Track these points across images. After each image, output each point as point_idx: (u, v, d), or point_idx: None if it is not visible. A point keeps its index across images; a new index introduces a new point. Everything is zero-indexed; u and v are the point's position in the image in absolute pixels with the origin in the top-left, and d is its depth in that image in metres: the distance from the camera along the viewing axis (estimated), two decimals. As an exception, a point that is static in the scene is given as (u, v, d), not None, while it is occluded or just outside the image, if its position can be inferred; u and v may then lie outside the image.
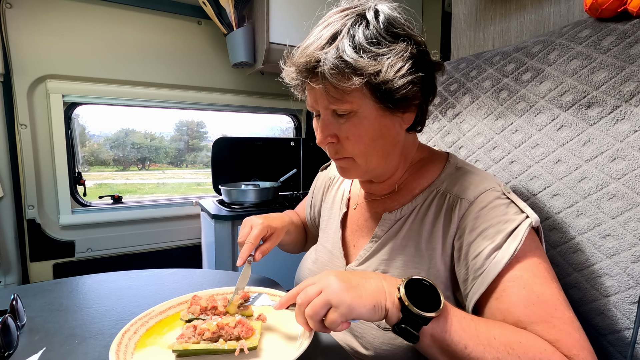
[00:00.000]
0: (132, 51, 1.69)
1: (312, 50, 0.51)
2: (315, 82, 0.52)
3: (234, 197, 1.64)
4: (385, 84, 0.50)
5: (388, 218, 0.61)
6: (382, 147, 0.56)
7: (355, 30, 0.50)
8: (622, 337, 0.53)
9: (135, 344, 0.52)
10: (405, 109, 0.55)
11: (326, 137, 0.56)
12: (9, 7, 1.45)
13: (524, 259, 0.47)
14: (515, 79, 0.74)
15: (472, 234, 0.51)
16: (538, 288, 0.45)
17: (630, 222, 0.52)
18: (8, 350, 0.51)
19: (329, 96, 0.52)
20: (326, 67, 0.49)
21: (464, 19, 1.12)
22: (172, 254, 1.92)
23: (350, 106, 0.52)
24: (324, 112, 0.55)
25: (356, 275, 0.46)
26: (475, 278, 0.49)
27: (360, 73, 0.49)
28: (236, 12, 1.66)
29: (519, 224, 0.49)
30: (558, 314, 0.44)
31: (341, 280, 0.44)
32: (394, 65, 0.50)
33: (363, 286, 0.44)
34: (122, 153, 2.51)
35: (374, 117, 0.53)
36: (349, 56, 0.49)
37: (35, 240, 1.61)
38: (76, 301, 0.68)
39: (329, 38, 0.51)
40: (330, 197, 0.78)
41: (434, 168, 0.62)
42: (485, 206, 0.51)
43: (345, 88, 0.50)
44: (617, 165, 0.55)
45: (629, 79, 0.55)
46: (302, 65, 0.52)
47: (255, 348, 0.50)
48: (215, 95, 1.93)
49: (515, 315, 0.45)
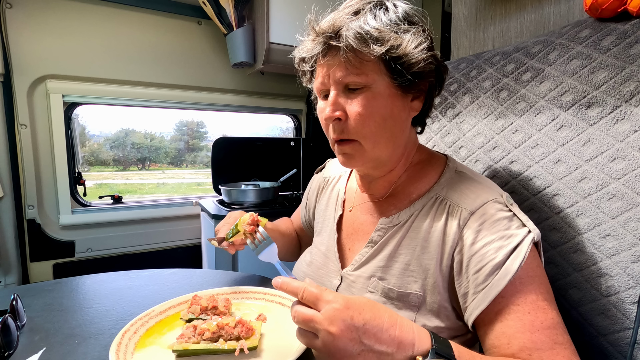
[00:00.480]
0: (132, 51, 1.69)
1: (336, 18, 0.53)
2: (335, 50, 0.52)
3: (234, 197, 1.64)
4: (405, 56, 0.51)
5: (385, 223, 0.59)
6: (391, 130, 0.55)
7: (377, 11, 0.53)
8: (622, 337, 0.53)
9: (135, 344, 0.52)
10: (416, 95, 0.57)
11: (335, 111, 0.54)
12: (9, 7, 1.45)
13: (526, 279, 0.46)
14: (515, 79, 0.74)
15: (474, 247, 0.49)
16: (541, 314, 0.45)
17: (630, 222, 0.52)
18: (8, 350, 0.51)
19: (347, 64, 0.52)
20: (350, 32, 0.50)
21: (464, 19, 1.12)
22: (172, 254, 1.92)
23: (366, 79, 0.52)
24: (336, 87, 0.54)
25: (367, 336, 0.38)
26: (476, 293, 0.48)
27: (382, 43, 0.50)
28: (236, 12, 1.66)
29: (522, 240, 0.48)
30: (560, 339, 0.44)
31: (338, 342, 0.37)
32: (414, 40, 0.52)
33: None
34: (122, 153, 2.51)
35: (386, 95, 0.53)
36: (371, 26, 0.51)
37: (35, 240, 1.61)
38: (76, 301, 0.68)
39: (352, 13, 0.53)
40: (324, 198, 0.77)
41: (432, 172, 0.61)
42: (487, 219, 0.50)
43: (365, 55, 0.51)
44: (617, 165, 0.55)
45: (629, 79, 0.55)
46: (325, 31, 0.52)
47: (255, 348, 0.50)
48: (215, 95, 1.93)
49: (521, 341, 0.44)
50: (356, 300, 0.41)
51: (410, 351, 0.39)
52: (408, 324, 0.41)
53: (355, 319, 0.39)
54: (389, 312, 0.41)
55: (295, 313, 0.41)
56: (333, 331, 0.38)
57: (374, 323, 0.39)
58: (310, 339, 0.40)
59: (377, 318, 0.40)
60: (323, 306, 0.39)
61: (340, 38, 0.51)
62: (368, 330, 0.38)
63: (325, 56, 0.54)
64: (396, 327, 0.40)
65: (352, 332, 0.38)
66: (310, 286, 0.42)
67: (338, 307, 0.39)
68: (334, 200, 0.73)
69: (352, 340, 0.38)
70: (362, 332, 0.38)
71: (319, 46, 0.54)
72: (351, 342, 0.38)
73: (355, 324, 0.38)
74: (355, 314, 0.39)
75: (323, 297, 0.40)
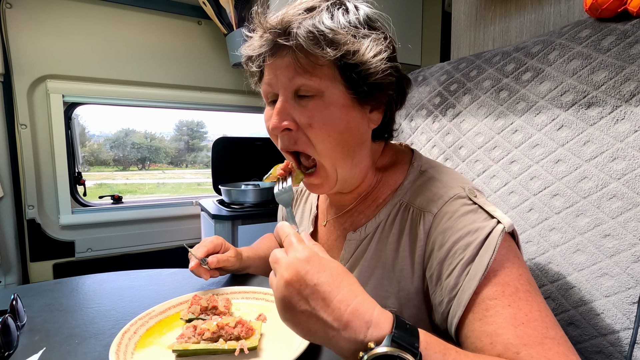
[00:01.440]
0: (132, 51, 1.69)
1: (286, 14, 0.47)
2: (283, 49, 0.47)
3: (234, 197, 1.64)
4: (362, 64, 0.46)
5: (352, 238, 0.56)
6: (349, 144, 0.50)
7: (334, 10, 0.48)
8: (622, 337, 0.53)
9: (135, 344, 0.52)
10: (374, 106, 0.52)
11: (283, 120, 0.48)
12: (9, 7, 1.45)
13: (501, 270, 0.42)
14: (515, 79, 0.74)
15: (442, 250, 0.46)
16: (524, 305, 0.40)
17: (630, 222, 0.52)
18: (8, 350, 0.51)
19: (297, 66, 0.46)
20: (301, 30, 0.45)
21: (464, 19, 1.12)
22: (172, 254, 1.92)
23: (319, 83, 0.47)
24: (284, 91, 0.49)
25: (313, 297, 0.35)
26: (452, 299, 0.44)
27: (337, 46, 0.45)
28: (236, 12, 1.66)
29: (490, 232, 0.43)
30: (550, 333, 0.38)
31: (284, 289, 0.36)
32: (373, 48, 0.47)
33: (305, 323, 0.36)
34: (122, 153, 2.51)
35: (341, 105, 0.48)
36: (326, 26, 0.45)
37: (35, 240, 1.61)
38: (76, 301, 0.68)
39: (306, 9, 0.47)
40: (298, 213, 0.74)
41: (396, 173, 0.57)
42: (451, 216, 0.46)
43: (317, 58, 0.46)
44: (617, 165, 0.55)
45: (629, 79, 0.55)
46: (273, 26, 0.46)
47: (255, 348, 0.50)
48: (215, 95, 1.93)
49: (505, 338, 0.38)
50: (322, 260, 0.37)
51: (362, 335, 0.33)
52: (368, 305, 0.35)
53: (310, 274, 0.35)
54: (353, 287, 0.36)
55: (272, 253, 0.40)
56: (285, 277, 0.36)
57: (326, 288, 0.35)
58: (271, 279, 0.40)
59: (333, 284, 0.35)
60: (290, 252, 0.38)
61: (290, 36, 0.46)
62: (317, 292, 0.35)
63: (274, 55, 0.48)
64: (350, 303, 0.34)
65: (300, 286, 0.35)
66: (293, 235, 0.40)
67: (299, 256, 0.37)
68: (307, 216, 0.70)
69: (298, 295, 0.35)
70: (310, 290, 0.35)
71: (267, 43, 0.48)
72: (297, 296, 0.35)
73: (306, 280, 0.35)
74: (313, 270, 0.36)
75: (294, 246, 0.38)
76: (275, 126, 0.49)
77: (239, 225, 1.50)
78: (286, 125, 0.49)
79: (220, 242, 0.74)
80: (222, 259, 0.71)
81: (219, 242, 0.74)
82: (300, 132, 0.49)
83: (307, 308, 0.35)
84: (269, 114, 0.52)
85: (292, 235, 0.40)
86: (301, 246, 0.38)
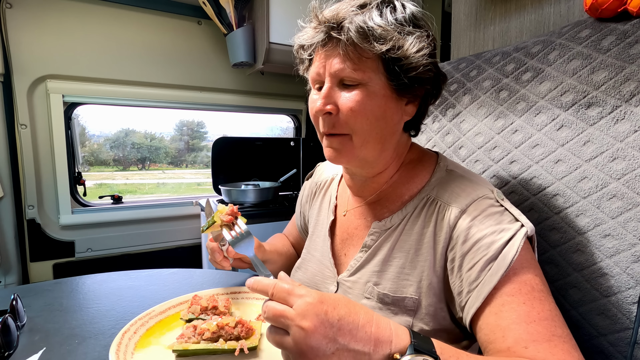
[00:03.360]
0: (132, 51, 1.69)
1: (340, 9, 0.51)
2: (336, 41, 0.51)
3: (234, 197, 1.64)
4: (405, 58, 0.50)
5: (378, 227, 0.58)
6: (382, 131, 0.54)
7: (383, 8, 0.52)
8: (622, 337, 0.53)
9: (135, 344, 0.52)
10: (411, 99, 0.55)
11: (327, 104, 0.52)
12: (9, 7, 1.45)
13: (520, 270, 0.45)
14: (515, 79, 0.74)
15: (466, 244, 0.49)
16: (537, 304, 0.43)
17: (630, 222, 0.52)
18: (8, 350, 0.51)
19: (346, 57, 0.50)
20: (352, 25, 0.49)
21: (464, 19, 1.12)
22: (172, 254, 1.92)
23: (362, 75, 0.51)
24: (331, 79, 0.53)
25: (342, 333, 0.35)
26: (471, 291, 0.47)
27: (384, 41, 0.49)
28: (236, 12, 1.66)
29: (515, 234, 0.47)
30: (558, 331, 0.42)
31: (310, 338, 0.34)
32: (416, 44, 0.51)
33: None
34: (122, 153, 2.51)
35: (381, 95, 0.52)
36: (375, 23, 0.49)
37: (35, 240, 1.61)
38: (76, 301, 0.68)
39: (358, 6, 0.51)
40: (317, 204, 0.75)
41: (423, 172, 0.59)
42: (478, 215, 0.49)
43: (364, 52, 0.50)
44: (617, 165, 0.55)
45: (629, 79, 0.55)
46: (328, 20, 0.51)
47: (255, 348, 0.50)
48: (215, 95, 1.93)
49: (517, 333, 0.42)
50: (330, 295, 0.38)
51: (388, 349, 0.36)
52: (385, 320, 0.39)
53: (330, 314, 0.35)
54: (365, 309, 0.39)
55: (266, 308, 0.37)
56: (306, 326, 0.34)
57: (349, 319, 0.36)
58: (281, 337, 0.37)
59: (352, 314, 0.37)
60: (295, 300, 0.36)
61: (342, 30, 0.50)
62: (343, 327, 0.35)
63: (325, 46, 0.53)
64: (372, 324, 0.37)
65: (326, 329, 0.35)
66: (282, 282, 0.39)
67: (311, 301, 0.36)
68: (326, 205, 0.72)
69: (326, 338, 0.35)
70: (337, 328, 0.35)
71: (320, 35, 0.52)
72: (325, 340, 0.34)
73: (329, 320, 0.35)
74: (330, 308, 0.36)
75: (295, 292, 0.37)
76: (320, 109, 0.53)
77: (239, 225, 1.50)
78: (329, 109, 0.52)
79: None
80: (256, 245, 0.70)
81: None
82: (340, 116, 0.53)
83: (337, 347, 0.35)
84: (314, 99, 0.56)
85: (281, 283, 0.39)
86: (302, 290, 0.37)
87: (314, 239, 0.71)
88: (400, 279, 0.54)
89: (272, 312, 0.37)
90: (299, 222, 0.84)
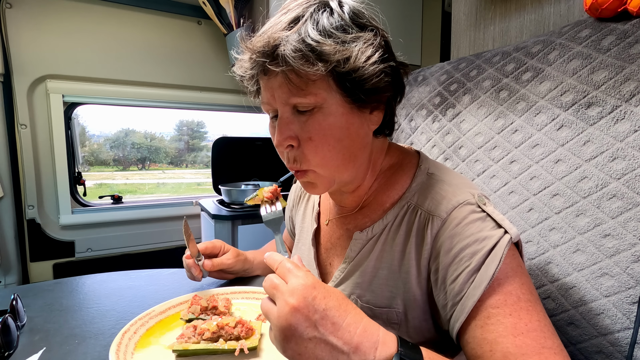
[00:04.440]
0: (132, 51, 1.69)
1: (271, 33, 0.45)
2: (274, 70, 0.45)
3: (234, 197, 1.64)
4: (355, 71, 0.45)
5: (359, 238, 0.56)
6: (349, 150, 0.50)
7: (319, 16, 0.46)
8: (622, 337, 0.53)
9: (135, 344, 0.52)
10: (374, 107, 0.51)
11: (286, 138, 0.48)
12: (9, 7, 1.45)
13: (505, 280, 0.43)
14: (515, 78, 0.74)
15: (448, 255, 0.46)
16: (525, 315, 0.41)
17: (630, 222, 0.52)
18: (8, 350, 0.51)
19: (291, 86, 0.46)
20: (287, 49, 0.43)
21: (464, 19, 1.12)
22: (172, 254, 1.92)
23: (315, 99, 0.46)
24: (283, 108, 0.48)
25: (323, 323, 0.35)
26: (455, 304, 0.44)
27: (326, 59, 0.44)
28: (236, 12, 1.66)
29: (497, 242, 0.44)
30: (548, 343, 0.39)
31: (291, 316, 0.35)
32: (364, 52, 0.45)
33: (311, 351, 0.35)
34: (122, 153, 2.51)
35: (340, 114, 0.48)
36: (312, 39, 0.44)
37: (35, 240, 1.61)
38: (76, 301, 0.68)
39: (290, 22, 0.46)
40: (301, 209, 0.73)
41: (404, 177, 0.56)
42: (459, 223, 0.46)
43: (309, 75, 0.45)
44: (617, 165, 0.55)
45: (629, 79, 0.55)
46: (259, 49, 0.45)
47: (255, 348, 0.50)
48: (215, 95, 1.93)
49: (504, 346, 0.39)
50: (326, 286, 0.38)
51: (372, 356, 0.35)
52: (374, 326, 0.37)
53: (318, 300, 0.36)
54: (356, 311, 0.38)
55: (266, 278, 0.39)
56: (291, 303, 0.35)
57: (335, 313, 0.36)
58: (268, 308, 0.38)
59: (341, 309, 0.36)
60: (291, 278, 0.38)
61: (278, 58, 0.44)
62: (327, 317, 0.35)
63: (266, 75, 0.48)
64: (359, 326, 0.36)
65: (309, 312, 0.35)
66: (288, 261, 0.40)
67: (304, 282, 0.37)
68: (309, 212, 0.69)
69: (307, 321, 0.35)
70: (320, 316, 0.35)
71: (257, 65, 0.47)
72: (305, 322, 0.35)
73: (315, 305, 0.35)
74: (320, 296, 0.36)
75: (294, 271, 0.38)
76: (279, 144, 0.49)
77: (239, 225, 1.50)
78: (289, 142, 0.49)
79: (219, 245, 0.74)
80: (216, 263, 0.71)
81: (218, 245, 0.74)
82: (302, 148, 0.49)
83: (315, 334, 0.35)
84: (272, 130, 0.52)
85: (286, 262, 0.40)
86: (302, 272, 0.38)
87: (299, 247, 0.70)
88: (384, 292, 0.52)
89: (269, 283, 0.39)
90: (289, 226, 0.83)
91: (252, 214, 1.54)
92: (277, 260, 0.41)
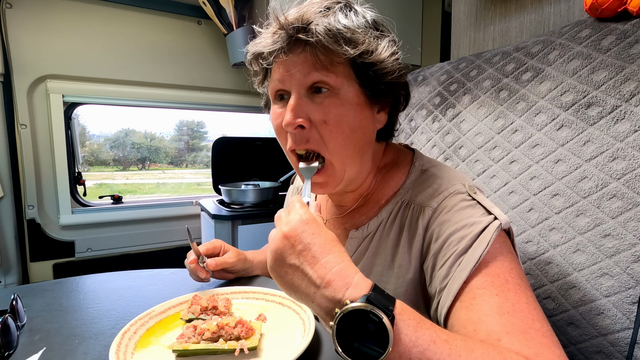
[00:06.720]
0: (132, 51, 1.69)
1: (304, 12, 0.47)
2: (301, 45, 0.46)
3: (234, 197, 1.64)
4: (379, 63, 0.47)
5: (355, 236, 0.57)
6: (359, 142, 0.51)
7: (347, 12, 0.49)
8: (622, 337, 0.53)
9: (135, 344, 0.52)
10: (382, 107, 0.53)
11: (297, 117, 0.47)
12: (9, 7, 1.44)
13: (493, 263, 0.42)
14: (515, 78, 0.74)
15: (438, 242, 0.46)
16: (512, 295, 0.39)
17: (630, 222, 0.52)
18: (8, 350, 0.51)
19: (315, 61, 0.46)
20: (320, 27, 0.45)
21: (464, 19, 1.12)
22: (172, 254, 1.92)
23: (335, 80, 0.47)
24: (298, 88, 0.48)
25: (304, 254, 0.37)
26: (442, 289, 0.44)
27: (355, 45, 0.46)
28: (236, 12, 1.66)
29: (486, 226, 0.44)
30: (536, 325, 0.37)
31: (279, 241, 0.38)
32: (389, 48, 0.48)
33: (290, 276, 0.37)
34: (122, 153, 2.51)
35: (355, 103, 0.49)
36: (344, 25, 0.46)
37: (35, 240, 1.61)
38: (76, 301, 0.68)
39: (323, 8, 0.47)
40: None
41: (398, 174, 0.57)
42: (449, 210, 0.47)
43: (334, 57, 0.46)
44: (617, 165, 0.55)
45: (629, 79, 0.55)
46: (292, 23, 0.46)
47: (255, 348, 0.50)
48: (215, 95, 1.93)
49: (489, 325, 0.37)
50: (320, 226, 0.39)
51: (341, 294, 0.35)
52: (352, 271, 0.37)
53: (306, 234, 0.38)
54: (342, 255, 0.38)
55: (277, 212, 0.43)
56: (283, 230, 0.38)
57: (318, 249, 0.37)
58: (271, 234, 0.41)
59: (324, 247, 0.37)
60: (292, 213, 0.40)
61: (310, 32, 0.45)
62: (309, 250, 0.37)
63: (289, 52, 0.48)
64: (336, 266, 0.36)
65: (295, 241, 0.37)
66: (299, 201, 0.42)
67: (300, 217, 0.39)
68: None
69: (292, 248, 0.37)
70: (303, 247, 0.37)
71: (282, 40, 0.47)
72: (290, 249, 0.37)
73: (302, 237, 0.37)
74: (309, 231, 0.38)
75: (297, 209, 0.40)
76: (290, 122, 0.48)
77: (239, 225, 1.50)
78: (300, 122, 0.48)
79: (219, 245, 0.75)
80: (219, 262, 0.72)
81: (217, 245, 0.75)
82: (313, 130, 0.49)
83: (295, 262, 0.37)
84: (278, 112, 0.51)
85: (297, 201, 0.42)
86: (303, 210, 0.40)
87: None
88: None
89: (277, 214, 0.42)
90: None
91: (253, 214, 1.54)
92: (294, 200, 0.42)
